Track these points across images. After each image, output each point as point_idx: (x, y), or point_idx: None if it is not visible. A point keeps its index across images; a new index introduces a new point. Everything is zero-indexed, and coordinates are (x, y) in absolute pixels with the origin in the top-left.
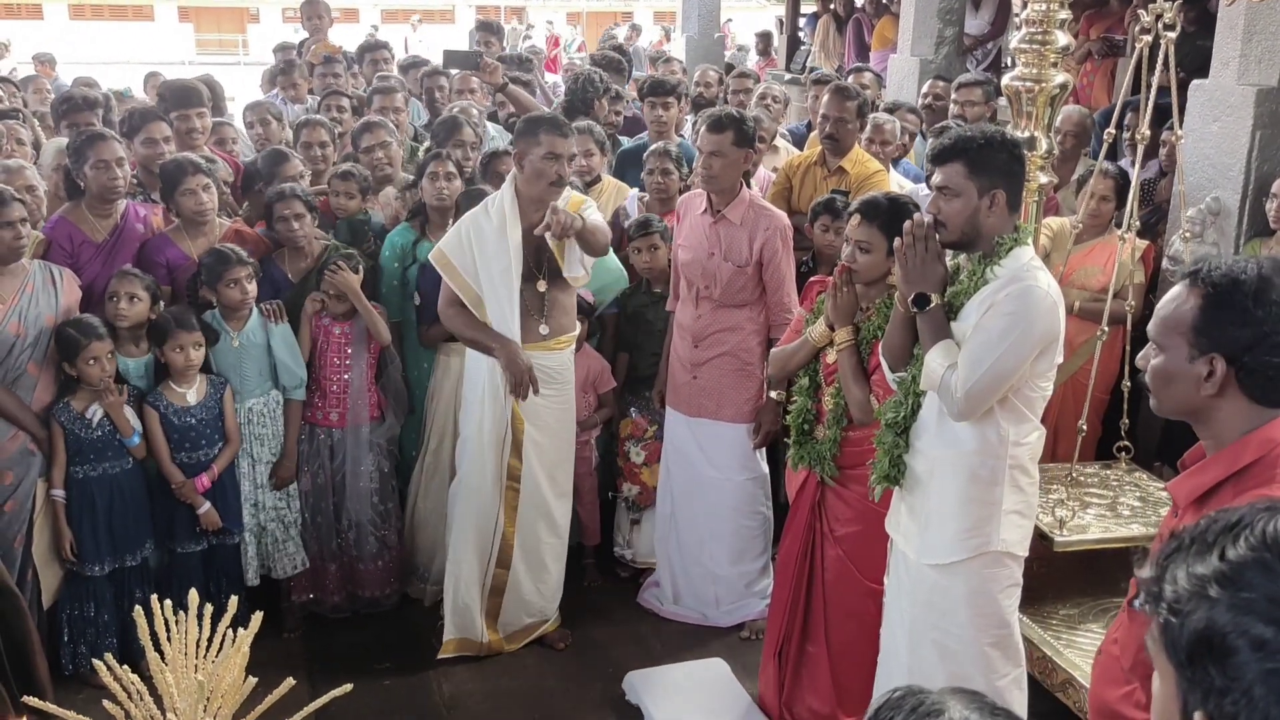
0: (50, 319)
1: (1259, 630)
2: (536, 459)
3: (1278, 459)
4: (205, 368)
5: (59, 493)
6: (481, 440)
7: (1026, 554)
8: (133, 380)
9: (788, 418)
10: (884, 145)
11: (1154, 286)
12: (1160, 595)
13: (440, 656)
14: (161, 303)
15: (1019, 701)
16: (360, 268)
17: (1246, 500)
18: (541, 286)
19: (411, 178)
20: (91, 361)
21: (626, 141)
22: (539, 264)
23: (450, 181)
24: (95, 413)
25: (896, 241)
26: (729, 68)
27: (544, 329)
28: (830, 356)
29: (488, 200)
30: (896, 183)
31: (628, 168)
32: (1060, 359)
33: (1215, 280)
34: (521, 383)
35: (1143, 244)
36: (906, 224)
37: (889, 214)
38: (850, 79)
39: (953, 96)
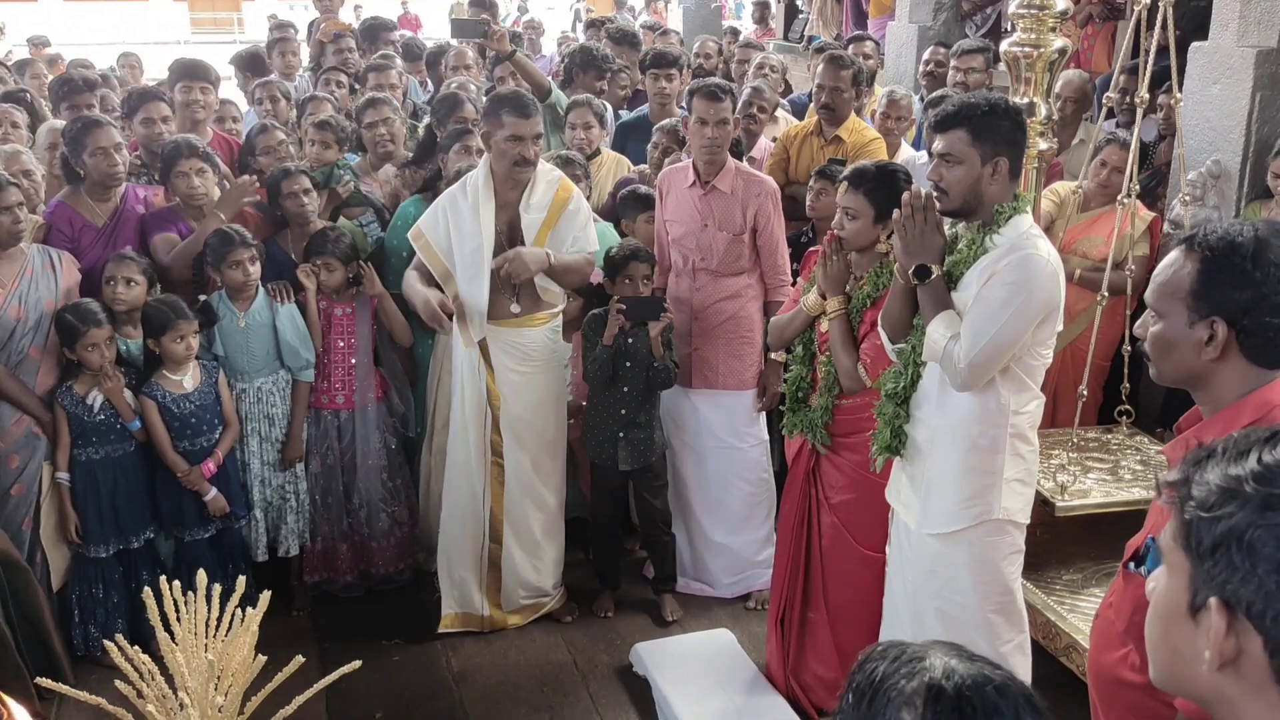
0: (50, 303)
1: None
2: (518, 435)
3: (1274, 421)
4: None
5: (63, 475)
6: (464, 415)
7: (1028, 521)
8: (135, 361)
9: (785, 384)
10: (899, 121)
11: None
12: (1189, 495)
13: (441, 630)
14: (158, 286)
15: (1022, 666)
16: (346, 238)
17: None
18: None
19: (410, 155)
20: (90, 347)
21: (625, 114)
22: (512, 242)
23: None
24: (96, 398)
25: (895, 213)
26: (735, 33)
27: (515, 307)
28: (824, 325)
29: (465, 178)
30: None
31: (628, 140)
32: (1060, 327)
33: (1212, 244)
34: (431, 314)
35: (1150, 215)
36: (905, 195)
37: (875, 180)
38: (850, 48)
39: (953, 64)
